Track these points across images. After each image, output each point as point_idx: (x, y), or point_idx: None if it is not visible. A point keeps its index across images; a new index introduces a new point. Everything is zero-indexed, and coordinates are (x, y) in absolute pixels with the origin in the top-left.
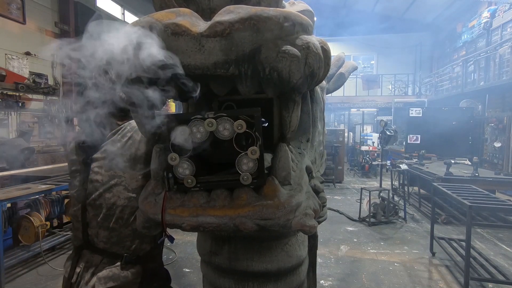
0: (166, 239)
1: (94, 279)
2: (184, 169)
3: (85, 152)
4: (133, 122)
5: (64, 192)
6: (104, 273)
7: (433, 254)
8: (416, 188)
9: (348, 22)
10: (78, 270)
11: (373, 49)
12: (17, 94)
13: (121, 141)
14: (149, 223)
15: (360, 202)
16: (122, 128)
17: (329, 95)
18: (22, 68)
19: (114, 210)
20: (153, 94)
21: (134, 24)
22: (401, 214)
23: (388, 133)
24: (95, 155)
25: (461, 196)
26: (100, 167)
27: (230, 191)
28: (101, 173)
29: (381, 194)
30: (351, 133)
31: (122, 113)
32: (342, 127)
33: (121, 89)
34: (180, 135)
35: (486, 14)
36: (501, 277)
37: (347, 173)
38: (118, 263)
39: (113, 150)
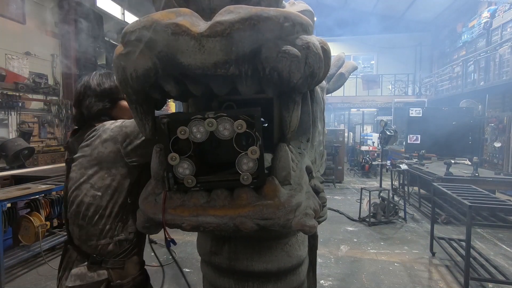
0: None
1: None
2: (184, 169)
3: (70, 151)
4: (106, 124)
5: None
6: (75, 270)
7: (433, 254)
8: (416, 188)
9: (348, 22)
10: (63, 265)
11: (373, 49)
12: (17, 94)
13: (91, 140)
14: (149, 223)
15: (360, 202)
16: (96, 129)
17: (329, 95)
18: (22, 68)
19: (81, 207)
20: (153, 93)
21: (134, 24)
22: (401, 214)
23: (388, 133)
24: (75, 155)
25: (461, 196)
26: (76, 165)
27: (230, 191)
28: (75, 171)
29: (381, 194)
30: (351, 133)
31: (101, 116)
32: (342, 127)
33: (121, 89)
34: (180, 135)
35: (486, 14)
36: (501, 277)
37: (347, 173)
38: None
39: (86, 149)
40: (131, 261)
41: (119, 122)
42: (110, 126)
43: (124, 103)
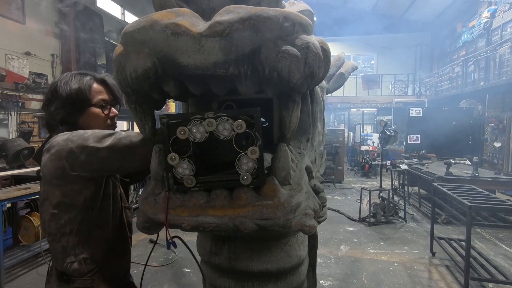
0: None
1: None
2: (184, 169)
3: (38, 163)
4: (58, 136)
5: None
6: (51, 286)
7: (433, 254)
8: (416, 188)
9: (348, 22)
10: (48, 271)
11: (373, 49)
12: (17, 94)
13: (43, 155)
14: (149, 223)
15: (360, 202)
16: (48, 142)
17: (329, 95)
18: (22, 68)
19: (45, 224)
20: (153, 93)
21: (134, 24)
22: (401, 214)
23: (388, 133)
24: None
25: (461, 196)
26: (40, 181)
27: (230, 191)
28: (40, 186)
29: (381, 194)
30: (351, 133)
31: (64, 124)
32: (342, 127)
33: (120, 88)
34: (180, 135)
35: (486, 14)
36: (501, 277)
37: (347, 173)
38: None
39: (41, 165)
40: (102, 280)
41: (67, 134)
42: (58, 139)
43: (94, 110)
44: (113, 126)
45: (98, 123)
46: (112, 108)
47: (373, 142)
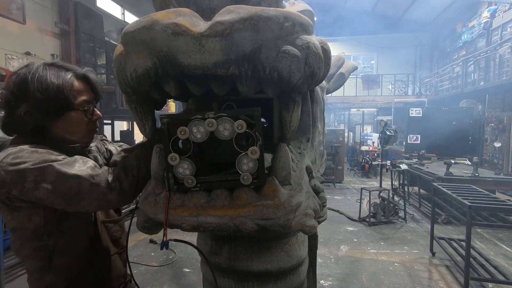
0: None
1: None
2: (184, 169)
3: None
4: (7, 151)
5: None
6: None
7: (433, 254)
8: (416, 188)
9: (348, 21)
10: None
11: (373, 49)
12: None
13: None
14: (149, 223)
15: (360, 202)
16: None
17: (329, 95)
18: None
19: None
20: (153, 93)
21: (134, 24)
22: (401, 214)
23: (388, 133)
24: None
25: (461, 196)
26: None
27: (230, 191)
28: None
29: (381, 194)
30: (351, 133)
31: (36, 132)
32: (342, 127)
33: (121, 88)
34: (180, 135)
35: (486, 14)
36: (501, 277)
37: (347, 173)
38: None
39: None
40: None
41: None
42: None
43: (76, 114)
44: (95, 131)
45: (79, 129)
46: (95, 110)
47: (373, 142)
